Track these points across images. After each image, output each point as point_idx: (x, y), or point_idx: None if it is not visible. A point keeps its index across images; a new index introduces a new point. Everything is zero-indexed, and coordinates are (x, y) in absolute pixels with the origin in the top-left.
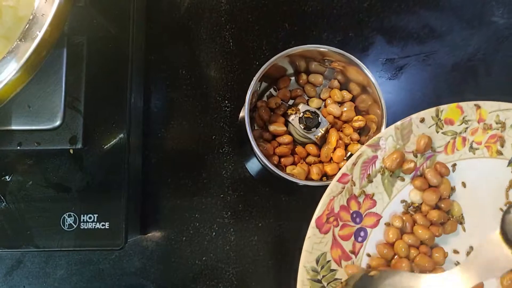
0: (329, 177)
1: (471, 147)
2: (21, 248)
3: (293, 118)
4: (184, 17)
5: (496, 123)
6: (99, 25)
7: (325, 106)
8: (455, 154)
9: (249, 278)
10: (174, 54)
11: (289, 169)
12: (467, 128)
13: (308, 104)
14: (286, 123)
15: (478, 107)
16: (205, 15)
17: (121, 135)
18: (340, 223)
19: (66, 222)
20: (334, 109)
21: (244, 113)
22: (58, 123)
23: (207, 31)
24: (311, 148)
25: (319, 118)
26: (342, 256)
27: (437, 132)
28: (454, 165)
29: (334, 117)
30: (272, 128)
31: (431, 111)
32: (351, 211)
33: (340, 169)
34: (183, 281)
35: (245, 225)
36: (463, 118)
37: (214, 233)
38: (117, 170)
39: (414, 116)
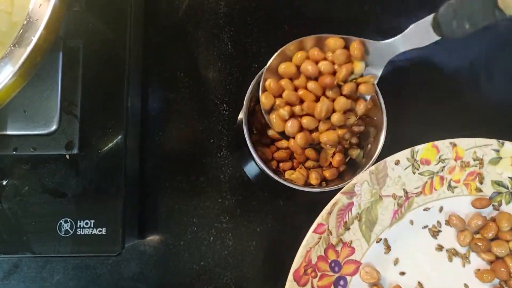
0: (328, 182)
1: (449, 186)
2: (17, 254)
3: None
4: (182, 19)
5: (474, 160)
6: (96, 29)
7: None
8: (434, 194)
9: (247, 283)
10: (172, 57)
11: (288, 173)
12: (444, 167)
13: None
14: None
15: (454, 145)
16: (203, 18)
17: (118, 140)
18: (319, 274)
19: (63, 228)
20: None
21: (242, 116)
22: (54, 128)
23: (205, 34)
24: (310, 153)
25: None
26: None
27: (414, 173)
28: (441, 208)
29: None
30: (270, 132)
31: (406, 152)
32: (329, 261)
33: (339, 173)
34: (181, 286)
35: (243, 230)
36: (440, 157)
37: (212, 238)
38: (114, 175)
39: (388, 159)
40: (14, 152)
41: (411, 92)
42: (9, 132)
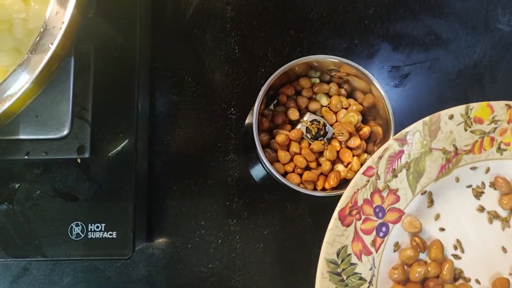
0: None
1: (499, 148)
2: (29, 257)
3: (300, 127)
4: (189, 24)
5: None
6: (106, 34)
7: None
8: (482, 154)
9: (254, 286)
10: (180, 61)
11: (295, 177)
12: (496, 128)
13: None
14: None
15: (509, 107)
16: (210, 22)
17: (128, 144)
18: (363, 217)
19: (74, 231)
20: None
21: (250, 120)
22: (65, 132)
23: (212, 38)
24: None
25: (326, 127)
26: (363, 250)
27: (465, 130)
28: (488, 169)
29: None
30: (278, 138)
31: (461, 108)
32: (374, 205)
33: (345, 179)
34: None
35: (251, 233)
36: (493, 118)
37: (219, 241)
38: (125, 179)
39: (443, 112)
40: (26, 157)
41: (417, 95)
42: (21, 137)
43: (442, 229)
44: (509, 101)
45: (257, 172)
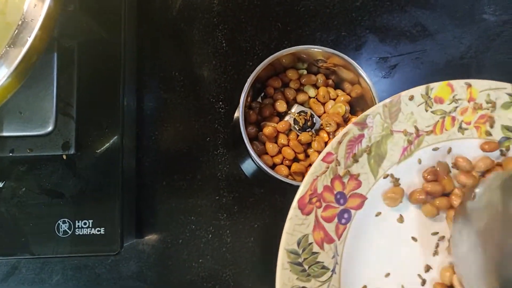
0: None
1: (460, 127)
2: (16, 256)
3: (288, 119)
4: (176, 18)
5: (487, 103)
6: (90, 29)
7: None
8: (444, 134)
9: (246, 280)
10: (167, 56)
11: (283, 169)
12: (457, 107)
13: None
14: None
15: (469, 85)
16: (197, 16)
17: (115, 139)
18: (324, 204)
19: (61, 228)
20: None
21: (238, 114)
22: (50, 128)
23: (199, 32)
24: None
25: (314, 118)
26: (325, 238)
27: (426, 111)
28: (450, 149)
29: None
30: (266, 130)
31: (421, 88)
32: (335, 192)
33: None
34: (180, 284)
35: (241, 227)
36: (453, 97)
37: (210, 235)
38: (112, 175)
39: (403, 93)
40: (11, 154)
41: (405, 86)
42: (5, 134)
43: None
44: (469, 79)
45: (246, 165)
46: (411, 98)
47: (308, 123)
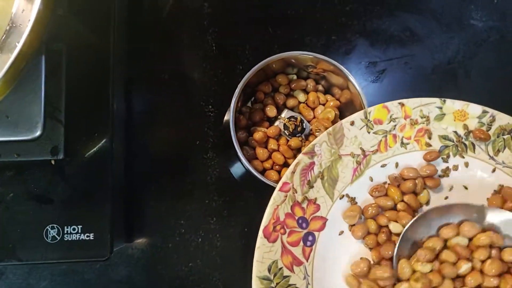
0: None
1: (402, 143)
2: (3, 262)
3: (278, 124)
4: (166, 21)
5: (421, 117)
6: (79, 32)
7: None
8: (389, 151)
9: (236, 284)
10: (157, 59)
11: (273, 174)
12: (395, 125)
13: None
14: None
15: (402, 104)
16: (187, 19)
17: (104, 144)
18: (287, 230)
19: (49, 234)
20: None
21: (228, 117)
22: (38, 133)
23: (189, 36)
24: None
25: (303, 124)
26: (294, 262)
27: (369, 132)
28: (397, 164)
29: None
30: (256, 135)
31: (360, 113)
32: (297, 217)
33: None
34: None
35: (231, 231)
36: (391, 117)
37: (200, 239)
38: (101, 180)
39: (344, 120)
40: None
41: (394, 90)
42: None
43: None
44: (401, 99)
45: (236, 169)
46: (352, 123)
47: (298, 129)
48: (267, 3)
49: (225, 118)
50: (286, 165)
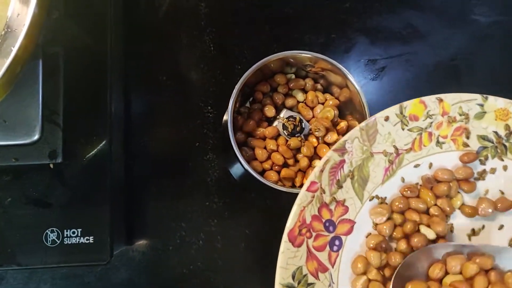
0: None
1: (437, 142)
2: (2, 267)
3: (277, 124)
4: (163, 22)
5: (460, 115)
6: (75, 35)
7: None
8: (423, 150)
9: (237, 285)
10: (154, 60)
11: (273, 174)
12: (432, 122)
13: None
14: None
15: (441, 100)
16: (184, 20)
17: (103, 147)
18: (314, 234)
19: (49, 238)
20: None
21: (227, 118)
22: (36, 137)
23: (187, 36)
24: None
25: (302, 123)
26: (319, 268)
27: (403, 129)
28: (430, 164)
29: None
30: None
31: (395, 108)
32: (324, 220)
33: None
34: None
35: (232, 232)
36: (427, 113)
37: (201, 242)
38: (100, 183)
39: (378, 115)
40: None
41: (394, 88)
42: None
43: None
44: (439, 94)
45: (236, 170)
46: (387, 118)
47: (297, 128)
48: (265, 2)
49: (224, 118)
50: (285, 165)
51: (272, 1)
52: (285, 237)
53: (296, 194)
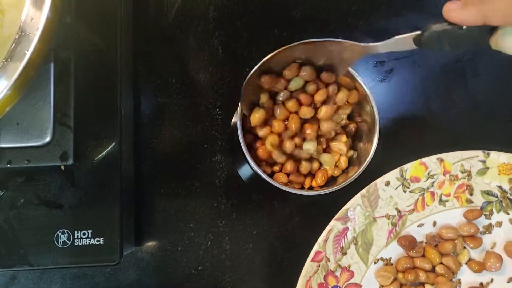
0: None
1: (440, 200)
2: (14, 267)
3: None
4: (172, 25)
5: (462, 173)
6: (86, 39)
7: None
8: (426, 209)
9: (245, 286)
10: (163, 63)
11: (282, 176)
12: (433, 182)
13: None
14: None
15: (441, 160)
16: (193, 23)
17: (113, 149)
18: None
19: (60, 239)
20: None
21: (235, 120)
22: (48, 139)
23: (195, 39)
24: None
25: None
26: None
27: (405, 191)
28: (434, 223)
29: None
30: (261, 131)
31: (395, 172)
32: (330, 287)
33: (332, 177)
34: None
35: (240, 234)
36: (428, 173)
37: (209, 242)
38: (110, 184)
39: (378, 180)
40: (9, 165)
41: (402, 89)
42: (2, 145)
43: None
44: (439, 154)
45: (244, 172)
46: (387, 183)
47: None
48: (272, 5)
49: (233, 120)
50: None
51: (280, 4)
52: None
53: (304, 196)
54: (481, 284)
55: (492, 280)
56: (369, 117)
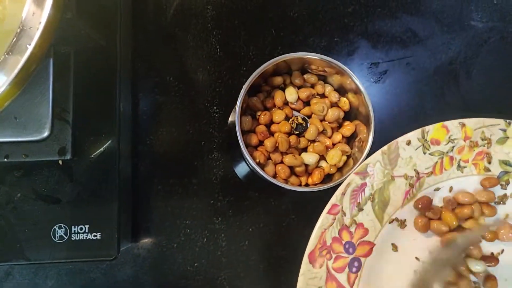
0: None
1: (459, 166)
2: (11, 262)
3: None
4: (171, 24)
5: (482, 140)
6: (86, 35)
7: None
8: (444, 174)
9: (241, 283)
10: (162, 61)
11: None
12: (453, 147)
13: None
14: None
15: (463, 125)
16: (191, 22)
17: (111, 145)
18: (334, 255)
19: (57, 234)
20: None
21: (233, 118)
22: (46, 134)
23: (193, 38)
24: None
25: (308, 123)
26: None
27: (424, 153)
28: (451, 188)
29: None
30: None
31: (417, 132)
32: (344, 242)
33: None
34: None
35: (236, 230)
36: (449, 137)
37: (205, 239)
38: (108, 180)
39: (400, 139)
40: (6, 159)
41: (396, 91)
42: (0, 139)
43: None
44: (462, 119)
45: (241, 169)
46: (408, 142)
47: (303, 129)
48: (270, 5)
49: (230, 119)
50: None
51: (277, 4)
52: (305, 259)
53: (300, 193)
54: (492, 253)
55: (502, 251)
56: (364, 117)
